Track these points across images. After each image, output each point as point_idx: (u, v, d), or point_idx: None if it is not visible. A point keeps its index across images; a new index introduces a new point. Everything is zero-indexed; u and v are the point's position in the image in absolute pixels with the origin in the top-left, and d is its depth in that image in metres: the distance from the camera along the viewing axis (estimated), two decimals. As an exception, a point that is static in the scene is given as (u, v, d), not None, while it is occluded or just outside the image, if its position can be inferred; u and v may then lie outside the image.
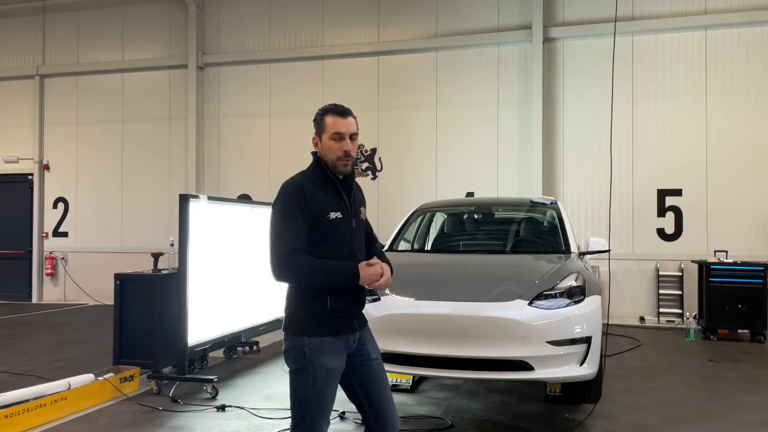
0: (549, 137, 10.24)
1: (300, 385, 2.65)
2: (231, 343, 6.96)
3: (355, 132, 2.72)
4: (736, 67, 9.60)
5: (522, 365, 4.12)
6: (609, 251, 5.40)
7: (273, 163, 11.56)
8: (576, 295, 4.32)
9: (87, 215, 12.59)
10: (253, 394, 5.67)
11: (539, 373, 4.13)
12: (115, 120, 12.51)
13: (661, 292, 9.73)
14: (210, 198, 6.01)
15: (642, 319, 9.75)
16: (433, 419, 4.91)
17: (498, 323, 4.14)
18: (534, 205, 6.23)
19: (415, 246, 6.20)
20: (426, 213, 6.46)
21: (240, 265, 6.45)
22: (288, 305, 2.73)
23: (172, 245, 6.57)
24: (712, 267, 8.50)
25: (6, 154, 13.01)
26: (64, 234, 12.69)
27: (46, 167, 12.84)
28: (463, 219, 6.55)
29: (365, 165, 11.03)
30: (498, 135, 10.52)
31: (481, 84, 10.63)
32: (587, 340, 4.20)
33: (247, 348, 7.44)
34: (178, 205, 5.66)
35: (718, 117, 9.64)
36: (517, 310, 4.17)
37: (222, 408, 5.17)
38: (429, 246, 6.34)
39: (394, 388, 5.49)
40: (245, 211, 6.88)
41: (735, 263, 8.52)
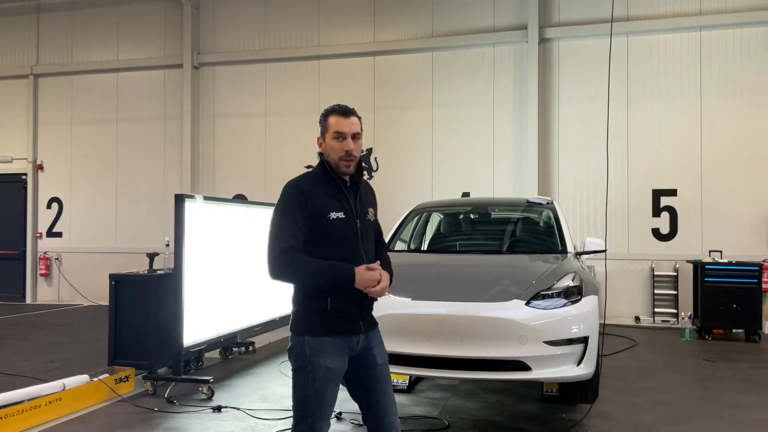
0: (544, 137, 10.26)
1: (300, 385, 2.65)
2: (227, 343, 6.94)
3: (358, 132, 2.71)
4: (730, 67, 9.63)
5: (519, 365, 4.11)
6: (606, 251, 5.41)
7: (268, 163, 11.54)
8: (573, 295, 4.32)
9: (81, 215, 12.54)
10: (249, 394, 5.66)
11: (536, 374, 4.13)
12: (109, 120, 12.46)
13: (656, 292, 9.75)
14: (206, 198, 6.00)
15: (637, 318, 9.78)
16: (429, 419, 4.91)
17: (495, 323, 4.14)
18: (530, 205, 6.23)
19: (412, 246, 6.19)
20: (422, 213, 6.45)
21: (236, 266, 6.44)
22: (293, 304, 2.75)
23: (168, 245, 6.55)
24: (707, 267, 8.54)
25: (-1, 154, 12.99)
26: (58, 234, 12.64)
27: (40, 167, 12.79)
28: (460, 219, 6.54)
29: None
30: (494, 135, 10.53)
31: (477, 84, 10.63)
32: (584, 340, 4.20)
33: (242, 348, 7.43)
34: (173, 205, 5.64)
35: (713, 117, 9.67)
36: (514, 310, 4.16)
37: (218, 409, 5.15)
38: (425, 246, 6.33)
39: (391, 389, 5.48)
40: (241, 211, 6.86)
41: (730, 263, 8.55)
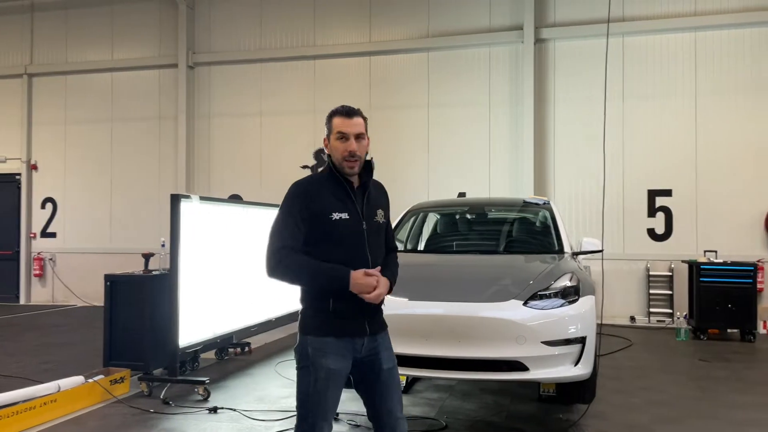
0: (540, 137, 10.27)
1: (302, 384, 2.67)
2: (222, 344, 6.92)
3: (362, 132, 2.71)
4: (725, 68, 9.67)
5: (517, 365, 4.10)
6: (602, 251, 5.41)
7: (264, 163, 11.50)
8: (570, 295, 4.31)
9: (76, 216, 12.48)
10: (245, 395, 5.64)
11: (534, 374, 4.12)
12: (104, 119, 12.41)
13: (651, 292, 9.78)
14: (202, 198, 5.97)
15: (632, 318, 9.80)
16: (427, 420, 4.90)
17: (493, 323, 4.13)
18: (527, 205, 6.23)
19: (409, 246, 6.17)
20: (419, 213, 6.44)
21: (232, 266, 6.41)
22: (300, 304, 2.78)
23: (163, 246, 6.52)
24: (702, 267, 8.56)
25: (-7, 154, 12.90)
26: (52, 234, 12.58)
27: (34, 167, 12.72)
28: (457, 219, 6.54)
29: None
30: (490, 135, 10.54)
31: (473, 84, 10.64)
32: (582, 341, 4.19)
33: (238, 349, 7.40)
34: (168, 205, 5.61)
35: (708, 118, 9.70)
36: (511, 311, 4.15)
37: (214, 410, 5.13)
38: (422, 246, 6.32)
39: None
40: (237, 211, 6.84)
41: (725, 263, 8.58)
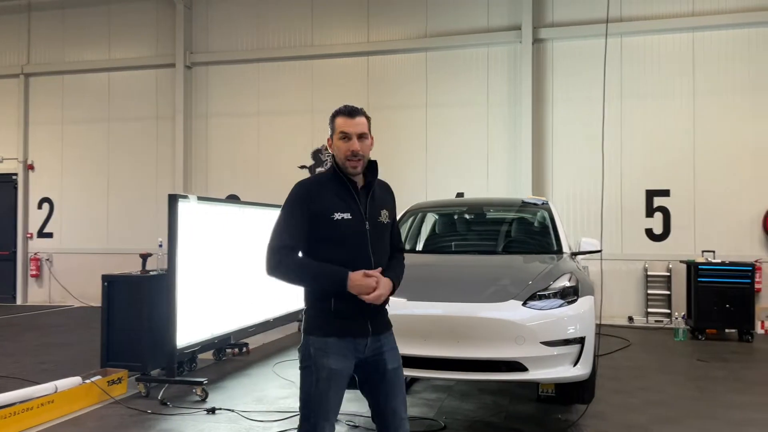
0: (538, 138, 10.27)
1: (304, 384, 2.68)
2: (220, 344, 6.90)
3: (365, 132, 2.70)
4: (723, 68, 9.68)
5: (516, 366, 4.09)
6: (601, 251, 5.41)
7: (261, 163, 11.47)
8: (569, 295, 4.30)
9: (72, 216, 12.44)
10: (243, 396, 5.62)
11: (533, 374, 4.11)
12: (101, 119, 12.37)
13: (649, 292, 9.79)
14: (200, 198, 5.94)
15: (630, 319, 9.80)
16: (425, 420, 4.89)
17: (492, 324, 4.12)
18: (525, 205, 6.22)
19: (407, 247, 6.15)
20: (417, 213, 6.43)
21: (229, 267, 6.39)
22: (304, 304, 2.79)
23: (161, 246, 6.50)
24: (699, 267, 8.57)
25: (-10, 154, 12.85)
26: (49, 235, 12.54)
27: (31, 167, 12.68)
28: (455, 219, 6.53)
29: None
30: (488, 135, 10.53)
31: (471, 84, 10.63)
32: (581, 341, 4.19)
33: (236, 350, 7.39)
34: (165, 205, 5.59)
35: (706, 118, 9.71)
36: (511, 311, 4.14)
37: (212, 411, 5.12)
38: (420, 247, 6.31)
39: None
40: (235, 211, 6.82)
41: (723, 263, 8.59)
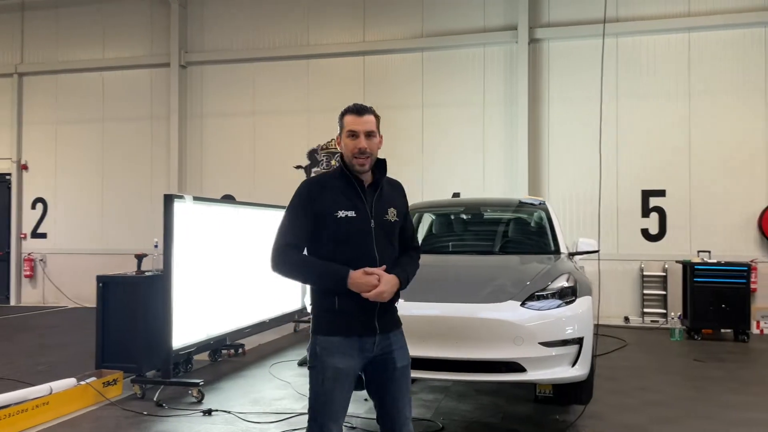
0: (535, 137, 10.26)
1: (312, 383, 2.68)
2: (216, 345, 6.84)
3: (372, 130, 2.70)
4: (718, 68, 9.69)
5: (514, 366, 4.07)
6: (598, 252, 5.40)
7: (257, 163, 11.42)
8: (567, 295, 4.29)
9: (66, 216, 12.36)
10: (239, 398, 5.59)
11: (531, 375, 4.09)
12: (95, 119, 12.30)
13: (645, 292, 9.79)
14: (195, 198, 5.91)
15: (627, 319, 9.81)
16: (423, 422, 4.86)
17: (490, 324, 4.10)
18: (522, 205, 6.22)
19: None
20: (414, 214, 6.40)
21: (225, 267, 6.37)
22: (311, 303, 2.79)
23: (156, 246, 6.46)
24: (695, 267, 8.58)
25: (-17, 154, 12.75)
26: (43, 235, 12.45)
27: (24, 167, 12.59)
28: (452, 219, 6.52)
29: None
30: (484, 135, 10.52)
31: (467, 84, 10.62)
32: (579, 341, 4.17)
33: (232, 351, 7.36)
34: (161, 205, 5.56)
35: (701, 118, 9.72)
36: (509, 311, 4.12)
37: (208, 412, 5.08)
38: (418, 247, 6.28)
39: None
40: (231, 212, 6.79)
41: (718, 263, 8.60)
